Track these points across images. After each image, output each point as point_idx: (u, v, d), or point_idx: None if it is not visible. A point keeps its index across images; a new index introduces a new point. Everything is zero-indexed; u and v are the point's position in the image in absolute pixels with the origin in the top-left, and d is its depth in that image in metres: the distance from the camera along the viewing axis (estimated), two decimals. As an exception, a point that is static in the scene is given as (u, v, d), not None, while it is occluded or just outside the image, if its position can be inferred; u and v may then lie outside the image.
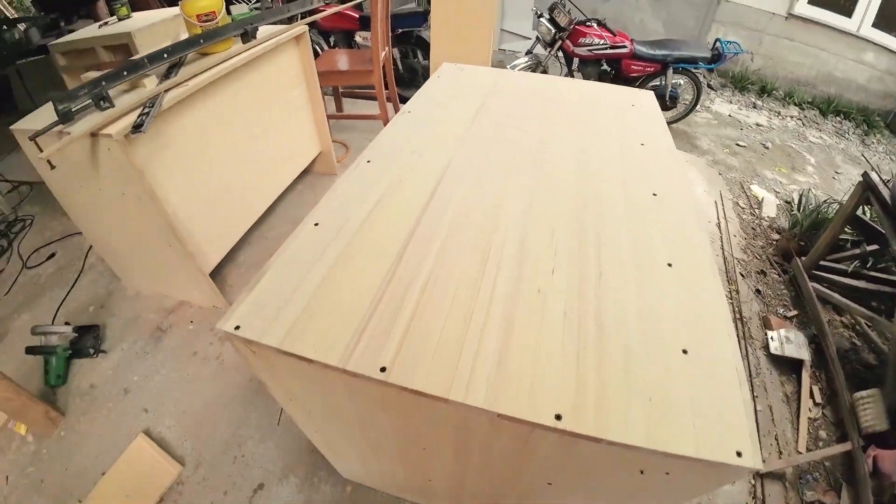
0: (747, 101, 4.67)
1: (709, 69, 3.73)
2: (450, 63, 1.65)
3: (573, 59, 3.82)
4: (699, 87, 3.75)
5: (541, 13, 3.81)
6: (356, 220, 0.87)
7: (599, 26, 3.70)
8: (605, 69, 3.82)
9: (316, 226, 0.86)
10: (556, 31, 3.71)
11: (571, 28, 3.67)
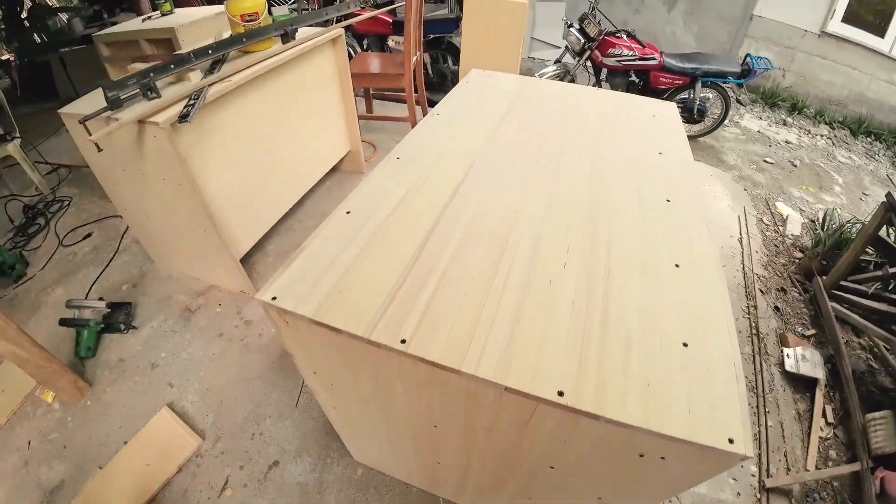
0: (777, 117, 4.60)
1: (738, 84, 3.70)
2: (478, 69, 1.71)
3: (601, 69, 3.83)
4: (728, 102, 3.72)
5: (571, 23, 3.83)
6: (385, 210, 0.94)
7: (629, 37, 3.71)
8: (634, 80, 3.81)
9: (348, 213, 0.93)
10: (586, 40, 3.73)
11: (601, 38, 3.68)
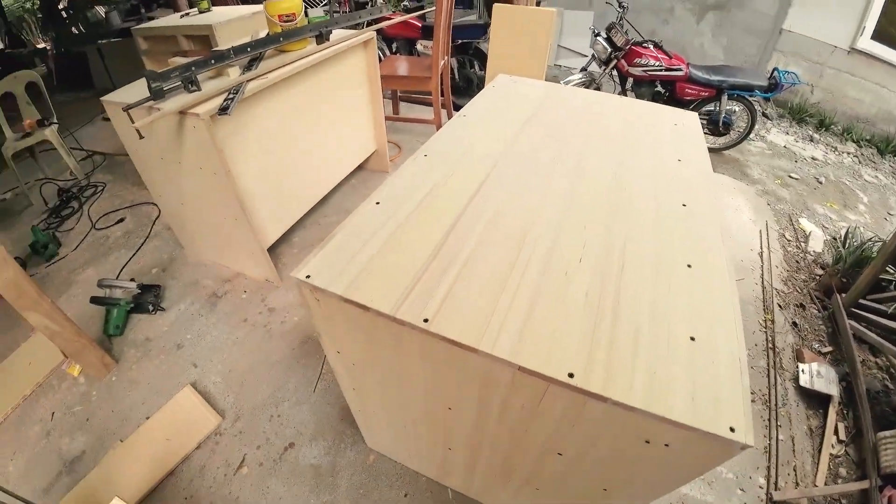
0: (804, 133, 4.54)
1: (765, 98, 3.68)
2: (505, 75, 1.76)
3: (627, 78, 3.84)
4: (754, 116, 3.69)
5: (598, 31, 3.86)
6: (412, 202, 1.00)
7: (656, 48, 3.72)
8: (659, 91, 3.81)
9: (377, 204, 0.99)
10: (612, 49, 3.75)
11: (627, 48, 3.70)
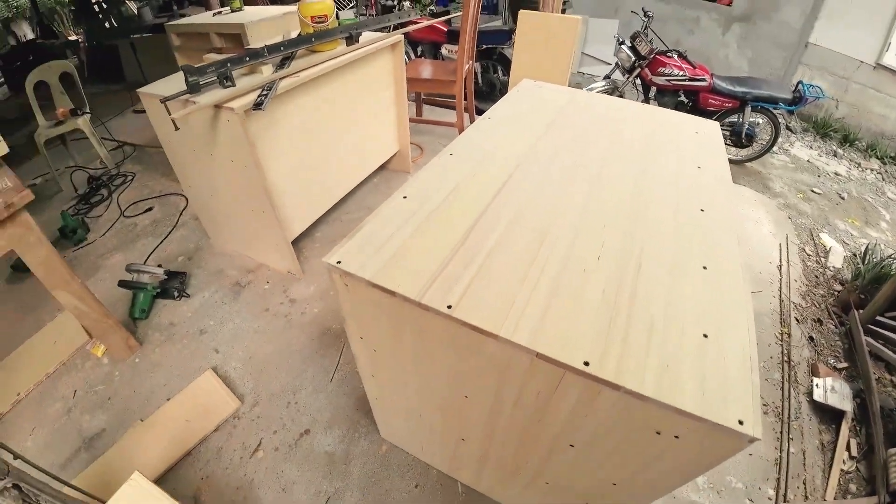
0: (828, 148, 4.49)
1: (789, 111, 3.65)
2: (529, 79, 1.80)
3: (651, 87, 3.85)
4: (777, 128, 3.66)
5: (623, 40, 3.88)
6: (438, 197, 1.05)
7: (680, 57, 3.72)
8: (683, 101, 3.81)
9: (405, 198, 1.04)
10: (636, 58, 3.76)
11: (652, 57, 3.71)
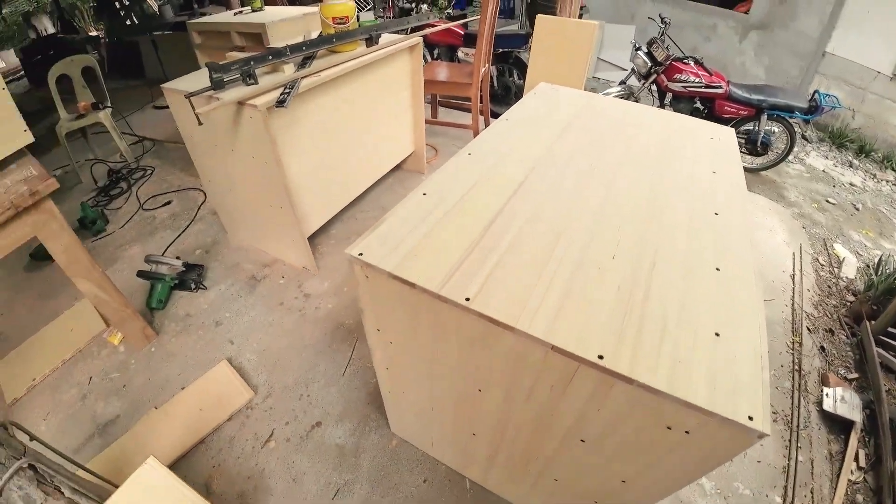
0: (844, 158, 4.45)
1: (805, 120, 3.63)
2: (546, 83, 1.83)
3: (666, 93, 3.84)
4: (793, 137, 3.64)
5: (639, 46, 3.89)
6: (456, 195, 1.08)
7: (696, 64, 3.72)
8: (698, 107, 3.80)
9: (424, 195, 1.07)
10: (653, 64, 3.77)
11: (668, 63, 3.71)
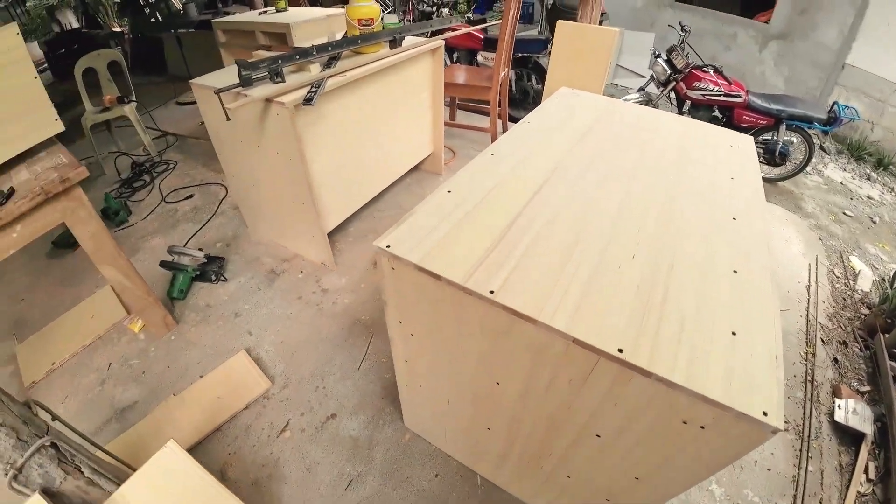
0: (862, 171, 4.41)
1: (823, 131, 3.61)
2: (567, 88, 1.86)
3: (685, 101, 3.85)
4: (811, 148, 3.62)
5: (658, 53, 3.90)
6: (480, 193, 1.11)
7: (715, 73, 3.72)
8: (717, 116, 3.80)
9: (448, 192, 1.11)
10: (672, 72, 3.78)
11: (687, 71, 3.72)
